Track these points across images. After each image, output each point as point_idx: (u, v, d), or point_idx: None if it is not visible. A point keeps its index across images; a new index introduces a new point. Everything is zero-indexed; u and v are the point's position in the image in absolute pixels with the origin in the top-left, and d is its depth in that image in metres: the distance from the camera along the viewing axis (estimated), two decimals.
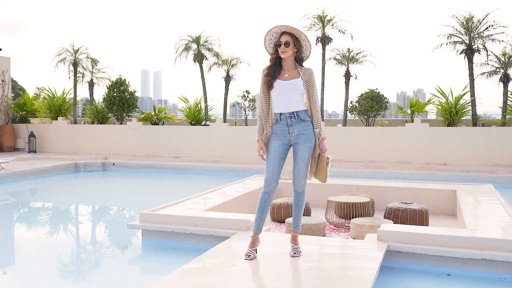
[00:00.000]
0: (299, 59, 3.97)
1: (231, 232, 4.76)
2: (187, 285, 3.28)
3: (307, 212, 6.48)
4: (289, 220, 5.55)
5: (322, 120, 12.74)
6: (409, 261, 4.29)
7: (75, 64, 14.00)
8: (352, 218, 6.06)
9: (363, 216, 6.15)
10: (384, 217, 6.09)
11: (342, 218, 6.22)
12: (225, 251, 4.11)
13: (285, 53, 3.85)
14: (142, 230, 5.23)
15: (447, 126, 11.39)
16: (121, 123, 13.96)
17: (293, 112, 3.86)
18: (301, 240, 4.40)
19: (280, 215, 6.44)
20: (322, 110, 12.77)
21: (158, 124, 13.55)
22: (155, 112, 13.57)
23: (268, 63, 4.01)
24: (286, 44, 3.83)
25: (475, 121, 11.43)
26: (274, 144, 3.86)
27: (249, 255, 3.86)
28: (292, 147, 3.92)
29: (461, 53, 11.34)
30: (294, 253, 3.97)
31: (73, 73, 14.09)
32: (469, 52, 11.21)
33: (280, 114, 3.89)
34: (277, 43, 3.87)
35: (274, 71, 3.91)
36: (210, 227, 4.94)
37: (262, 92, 4.00)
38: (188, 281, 3.35)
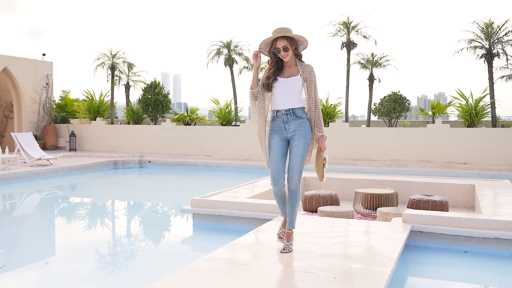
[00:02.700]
0: (297, 54, 3.96)
1: (272, 215, 5.46)
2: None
3: (336, 203, 7.12)
4: (321, 208, 6.21)
5: (346, 121, 13.36)
6: (430, 240, 4.92)
7: (113, 68, 14.93)
8: (377, 208, 6.68)
9: (388, 206, 6.77)
10: (407, 208, 6.69)
11: (368, 208, 6.85)
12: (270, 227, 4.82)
13: (287, 57, 3.84)
14: (194, 214, 5.96)
15: (467, 127, 11.89)
16: (155, 124, 14.82)
17: (289, 109, 3.87)
18: (334, 221, 5.07)
19: (312, 206, 7.08)
20: (346, 112, 13.40)
21: (190, 125, 14.36)
22: (187, 113, 14.39)
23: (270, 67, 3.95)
24: (285, 49, 3.81)
25: (495, 122, 11.90)
26: (274, 140, 3.91)
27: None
28: (289, 143, 3.95)
29: (481, 57, 11.85)
30: (284, 249, 3.96)
31: (110, 77, 15.03)
32: (489, 56, 11.71)
33: (277, 111, 3.91)
34: (275, 50, 3.83)
35: (278, 73, 3.91)
36: (254, 211, 5.64)
37: (256, 89, 3.96)
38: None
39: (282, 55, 3.82)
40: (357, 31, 12.82)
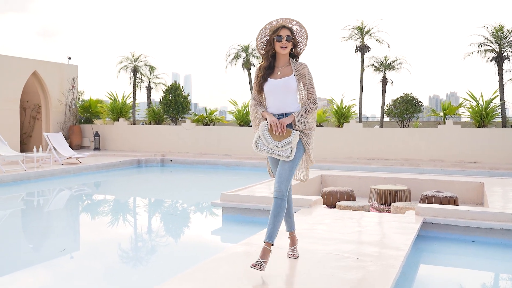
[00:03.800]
0: (294, 55, 3.73)
1: (297, 209, 5.99)
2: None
3: (352, 198, 7.63)
4: (339, 203, 6.72)
5: (360, 121, 13.83)
6: (441, 231, 5.41)
7: (135, 70, 15.59)
8: (391, 204, 7.17)
9: (401, 202, 7.27)
10: (419, 203, 7.18)
11: (383, 204, 7.35)
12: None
13: (286, 49, 3.58)
14: (223, 207, 6.52)
15: (478, 127, 12.31)
16: (175, 124, 15.44)
17: (283, 114, 3.61)
18: (352, 213, 5.58)
19: (329, 201, 7.60)
20: (360, 113, 13.90)
21: (209, 125, 14.95)
22: (206, 114, 14.99)
23: (263, 63, 3.71)
24: (288, 38, 3.57)
25: (505, 123, 12.30)
26: None
27: (257, 265, 3.36)
28: None
29: (491, 60, 12.27)
30: (293, 254, 3.89)
31: (132, 79, 15.68)
32: (499, 59, 12.14)
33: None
34: (277, 37, 3.56)
35: (269, 73, 3.65)
36: None
37: (254, 93, 3.78)
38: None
39: (283, 44, 3.55)
40: (370, 35, 13.31)
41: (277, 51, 3.60)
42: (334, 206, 7.39)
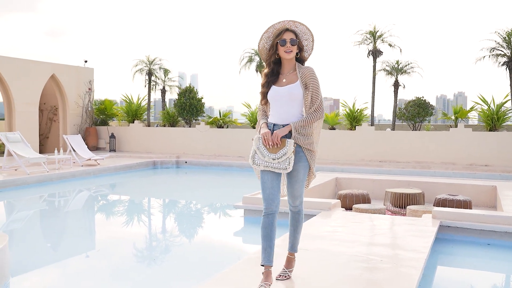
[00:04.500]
0: (300, 60, 3.46)
1: (316, 211, 6.23)
2: None
3: (368, 201, 7.85)
4: (356, 206, 6.95)
5: (372, 124, 14.03)
6: (457, 234, 5.62)
7: (150, 73, 15.90)
8: (406, 207, 7.39)
9: (416, 205, 7.48)
10: (433, 206, 7.39)
11: (397, 207, 7.57)
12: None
13: (291, 53, 3.32)
14: (245, 210, 6.77)
15: (489, 131, 12.48)
16: (189, 126, 15.73)
17: (287, 124, 3.34)
18: (371, 216, 5.81)
19: (345, 203, 7.83)
20: (372, 116, 14.11)
21: (222, 127, 15.22)
22: (220, 117, 15.27)
23: (266, 69, 3.46)
24: (292, 42, 3.31)
25: None
26: None
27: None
28: None
29: (502, 64, 12.45)
30: (280, 275, 3.58)
31: (147, 82, 16.00)
32: (510, 64, 12.31)
33: (274, 125, 3.37)
34: (281, 41, 3.30)
35: (273, 80, 3.40)
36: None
37: (260, 104, 3.55)
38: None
39: (288, 48, 3.30)
40: (382, 40, 13.52)
41: (281, 56, 3.35)
42: (350, 209, 7.61)
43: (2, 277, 4.11)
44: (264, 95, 3.40)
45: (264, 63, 3.48)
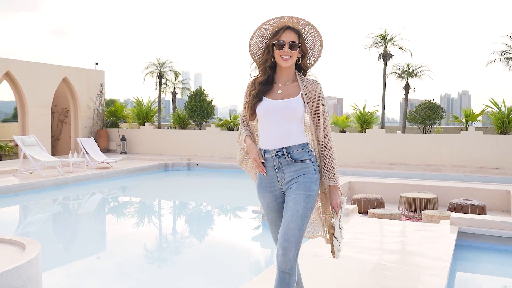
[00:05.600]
0: (302, 68, 2.69)
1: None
2: None
3: (382, 205, 7.93)
4: (372, 210, 7.03)
5: (382, 127, 14.10)
6: (475, 240, 5.70)
7: (160, 76, 16.02)
8: (420, 211, 7.47)
9: (430, 210, 7.56)
10: (448, 211, 7.47)
11: (412, 211, 7.64)
12: None
13: (289, 60, 2.55)
14: (262, 214, 6.87)
15: (500, 134, 12.53)
16: (200, 128, 15.84)
17: (283, 148, 2.55)
18: (390, 222, 5.89)
19: (360, 208, 7.91)
20: (383, 119, 14.17)
21: (233, 130, 15.32)
22: (230, 119, 15.38)
23: (259, 76, 2.66)
24: (293, 47, 2.53)
25: None
26: (265, 200, 2.69)
27: None
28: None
29: None
30: None
31: (158, 84, 16.12)
32: None
33: (265, 151, 2.61)
34: (278, 43, 2.53)
35: (266, 90, 2.60)
36: None
37: (242, 113, 2.78)
38: None
39: (285, 53, 2.53)
40: (393, 43, 13.59)
41: (277, 62, 2.58)
42: (365, 213, 7.69)
43: (35, 284, 4.22)
44: (254, 108, 2.59)
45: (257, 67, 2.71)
